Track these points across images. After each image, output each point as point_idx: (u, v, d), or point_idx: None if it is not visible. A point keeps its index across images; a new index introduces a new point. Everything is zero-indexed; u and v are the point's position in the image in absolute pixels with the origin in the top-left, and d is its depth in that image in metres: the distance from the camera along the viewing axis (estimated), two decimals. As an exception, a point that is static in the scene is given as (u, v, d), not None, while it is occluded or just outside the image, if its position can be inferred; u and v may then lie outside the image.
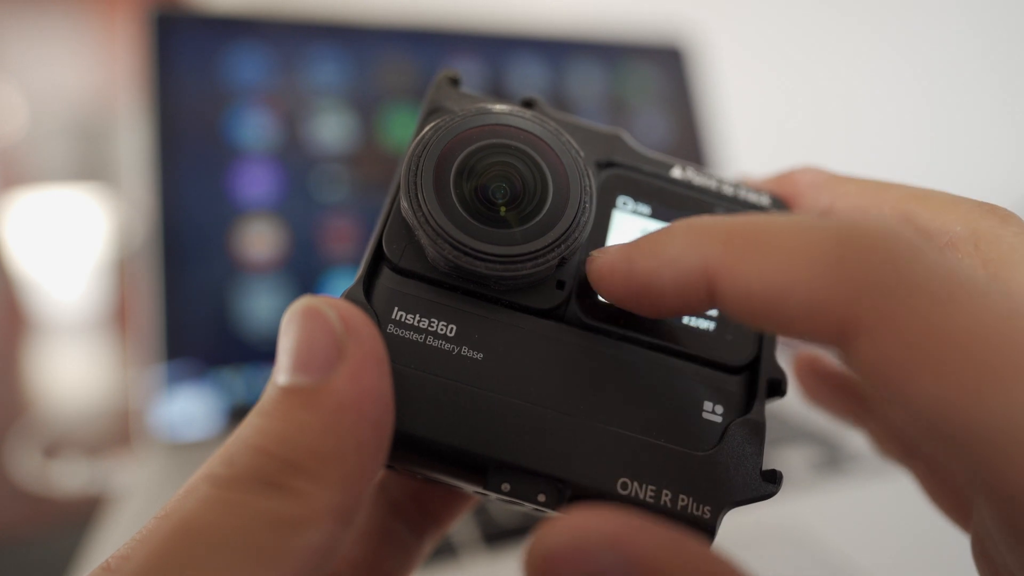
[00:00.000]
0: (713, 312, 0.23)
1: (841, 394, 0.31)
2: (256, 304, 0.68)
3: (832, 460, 0.61)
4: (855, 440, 0.64)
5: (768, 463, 0.21)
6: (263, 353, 0.67)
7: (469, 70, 0.78)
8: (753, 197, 0.25)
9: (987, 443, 0.14)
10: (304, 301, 0.19)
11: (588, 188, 0.22)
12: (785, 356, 0.25)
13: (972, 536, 0.21)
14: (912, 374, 0.15)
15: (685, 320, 0.23)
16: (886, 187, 0.24)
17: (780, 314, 0.17)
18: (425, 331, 0.21)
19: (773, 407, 0.71)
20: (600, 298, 0.23)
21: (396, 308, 0.21)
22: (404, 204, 0.21)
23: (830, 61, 1.24)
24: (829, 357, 0.31)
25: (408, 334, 0.21)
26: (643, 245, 0.20)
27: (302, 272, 0.70)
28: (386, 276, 0.22)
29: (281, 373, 0.18)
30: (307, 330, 0.18)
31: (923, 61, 1.24)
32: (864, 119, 1.23)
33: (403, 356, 0.21)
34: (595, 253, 0.21)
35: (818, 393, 0.32)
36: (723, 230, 0.18)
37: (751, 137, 0.98)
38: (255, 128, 0.70)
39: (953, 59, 1.25)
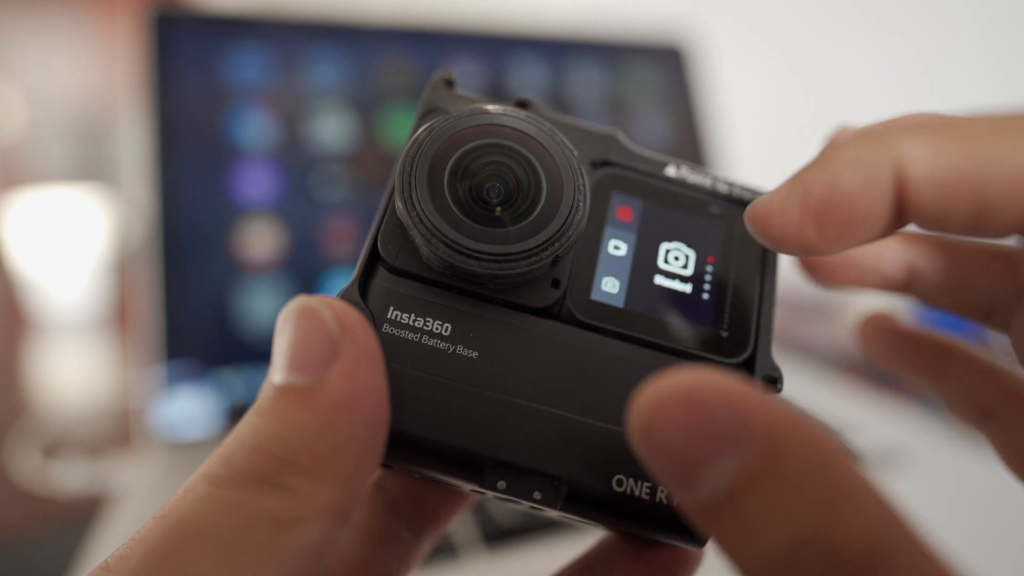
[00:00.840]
0: (708, 310, 0.23)
1: (916, 354, 0.29)
2: (256, 304, 0.68)
3: (832, 460, 0.61)
4: (855, 440, 0.64)
5: None
6: (263, 353, 0.67)
7: (469, 70, 0.78)
8: (748, 195, 0.25)
9: None
10: (299, 301, 0.19)
11: (582, 187, 0.22)
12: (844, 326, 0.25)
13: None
14: None
15: (680, 317, 0.23)
16: None
17: (981, 192, 0.15)
18: (420, 330, 0.21)
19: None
20: (593, 297, 0.23)
21: (392, 308, 0.22)
22: (399, 204, 0.21)
23: (830, 61, 1.24)
24: (900, 316, 0.30)
25: (404, 333, 0.21)
26: (811, 164, 0.18)
27: (302, 272, 0.70)
28: (382, 276, 0.22)
29: (277, 372, 0.18)
30: (302, 329, 0.18)
31: (924, 60, 1.24)
32: (864, 119, 1.22)
33: (399, 355, 0.21)
34: (754, 201, 0.19)
35: (890, 354, 0.30)
36: (903, 121, 0.16)
37: (751, 137, 0.98)
38: (255, 128, 0.70)
39: (954, 59, 1.25)
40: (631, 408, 0.15)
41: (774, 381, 0.23)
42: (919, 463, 0.61)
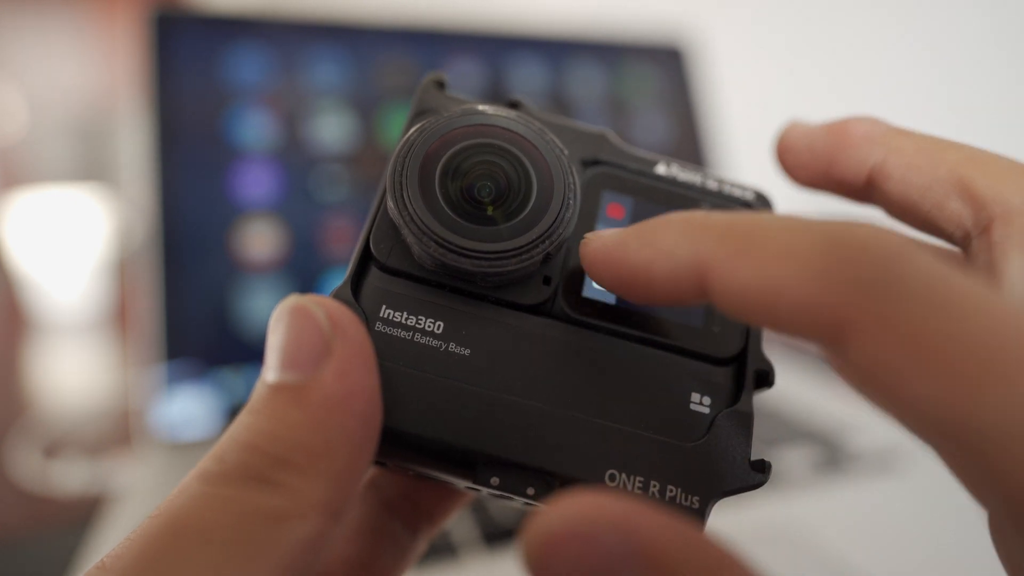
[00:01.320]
0: (700, 306, 0.23)
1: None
2: (256, 304, 0.68)
3: (832, 460, 0.61)
4: (855, 440, 0.64)
5: (758, 456, 0.22)
6: (263, 353, 0.67)
7: (469, 70, 0.78)
8: (738, 192, 0.25)
9: (987, 441, 0.14)
10: (292, 300, 0.19)
11: (572, 185, 0.22)
12: (772, 348, 0.25)
13: (989, 519, 0.20)
14: (906, 375, 0.14)
15: (671, 313, 0.23)
16: (944, 147, 0.23)
17: (772, 312, 0.16)
18: (413, 328, 0.22)
19: (774, 406, 0.70)
20: (584, 294, 0.23)
21: (384, 306, 0.22)
22: (390, 204, 0.21)
23: (830, 60, 1.24)
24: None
25: (396, 332, 0.21)
26: (638, 233, 0.19)
27: (302, 272, 0.70)
28: (374, 275, 0.22)
29: (269, 371, 0.19)
30: (295, 328, 0.19)
31: (924, 60, 1.24)
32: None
33: (391, 353, 0.21)
34: (589, 236, 0.21)
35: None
36: (718, 226, 0.18)
37: (751, 137, 0.98)
38: (255, 128, 0.70)
39: (954, 57, 1.25)
40: (524, 538, 0.15)
41: (766, 375, 0.23)
42: (919, 463, 0.61)
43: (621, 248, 0.19)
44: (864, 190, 0.25)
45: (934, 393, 0.14)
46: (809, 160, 0.25)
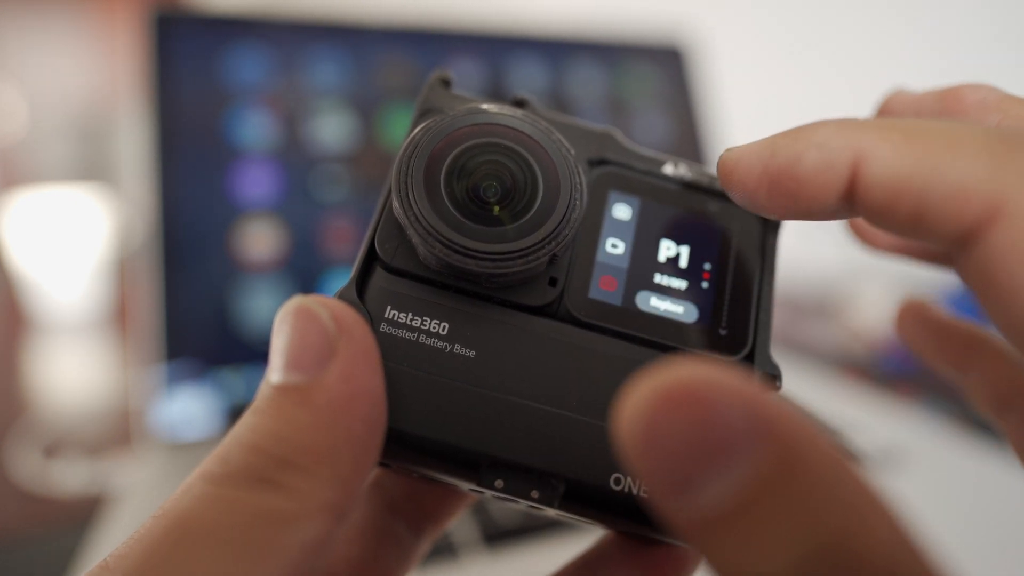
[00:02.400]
0: (707, 307, 0.23)
1: (946, 343, 0.29)
2: (256, 304, 0.68)
3: (832, 460, 0.61)
4: (855, 440, 0.64)
5: None
6: (263, 353, 0.67)
7: (469, 70, 0.78)
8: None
9: None
10: (296, 300, 0.19)
11: (578, 185, 0.22)
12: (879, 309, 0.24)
13: None
14: None
15: (678, 315, 0.23)
16: None
17: (924, 198, 0.16)
18: (418, 329, 0.21)
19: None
20: (590, 295, 0.23)
21: (389, 307, 0.22)
22: (395, 204, 0.21)
23: (830, 60, 1.24)
24: (936, 305, 0.30)
25: (401, 333, 0.21)
26: (787, 133, 0.19)
27: (302, 272, 0.70)
28: (379, 276, 0.22)
29: (274, 372, 0.18)
30: (299, 329, 0.18)
31: (925, 59, 1.24)
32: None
33: (396, 354, 0.21)
34: (728, 149, 0.21)
35: (921, 341, 0.30)
36: (875, 121, 0.18)
37: (751, 137, 0.98)
38: (255, 128, 0.70)
39: (955, 57, 1.25)
40: (624, 403, 0.13)
41: (773, 378, 0.23)
42: (919, 463, 0.61)
43: (768, 147, 0.19)
44: None
45: None
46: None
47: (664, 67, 0.86)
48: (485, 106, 0.23)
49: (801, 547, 0.12)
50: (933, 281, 0.93)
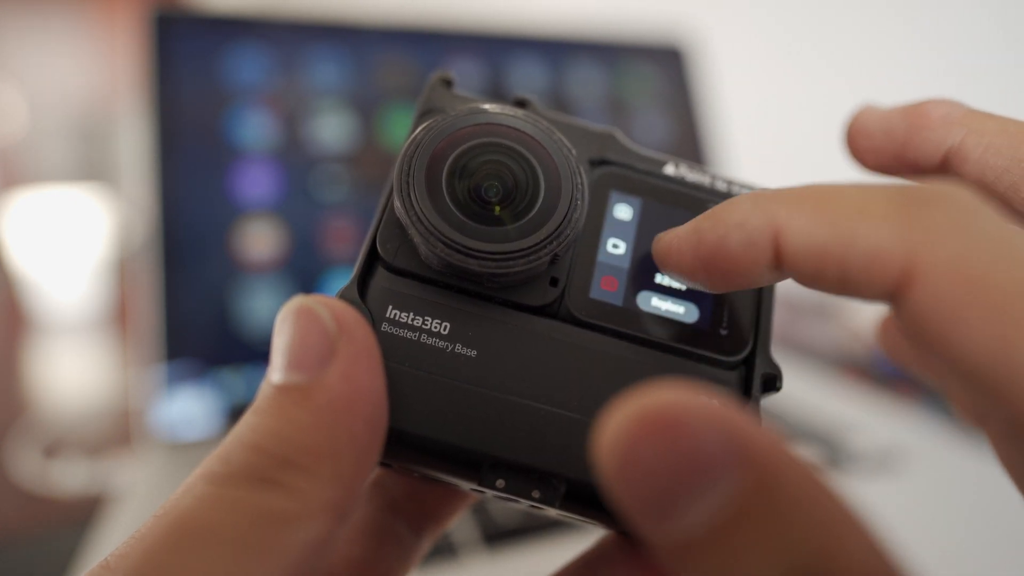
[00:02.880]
0: (707, 308, 0.23)
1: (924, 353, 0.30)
2: (256, 304, 0.68)
3: (832, 460, 0.61)
4: (855, 440, 0.64)
5: None
6: (263, 353, 0.67)
7: (469, 70, 0.78)
8: (747, 192, 0.25)
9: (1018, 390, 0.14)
10: (297, 300, 0.19)
11: (580, 185, 0.22)
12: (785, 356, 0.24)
13: None
14: (962, 318, 0.15)
15: (679, 315, 0.23)
16: None
17: (844, 264, 0.17)
18: (419, 329, 0.21)
19: (774, 406, 0.70)
20: (591, 296, 0.23)
21: (390, 307, 0.22)
22: (397, 204, 0.21)
23: (830, 60, 1.24)
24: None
25: (402, 332, 0.21)
26: (709, 216, 0.20)
27: (302, 272, 0.70)
28: (380, 275, 0.22)
29: (275, 371, 0.18)
30: (300, 329, 0.18)
31: (924, 60, 1.24)
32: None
33: (397, 354, 0.21)
34: (660, 235, 0.22)
35: (903, 353, 0.31)
36: (789, 193, 0.18)
37: (751, 137, 0.98)
38: (255, 128, 0.70)
39: (956, 57, 1.25)
40: (601, 429, 0.14)
41: (774, 379, 0.23)
42: (919, 463, 0.61)
43: (695, 233, 0.20)
44: (937, 173, 0.25)
45: (980, 338, 0.14)
46: (883, 143, 0.25)
47: (664, 67, 0.86)
48: (487, 106, 0.23)
49: (779, 569, 0.13)
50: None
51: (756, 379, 0.23)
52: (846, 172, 0.27)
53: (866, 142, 0.26)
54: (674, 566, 0.14)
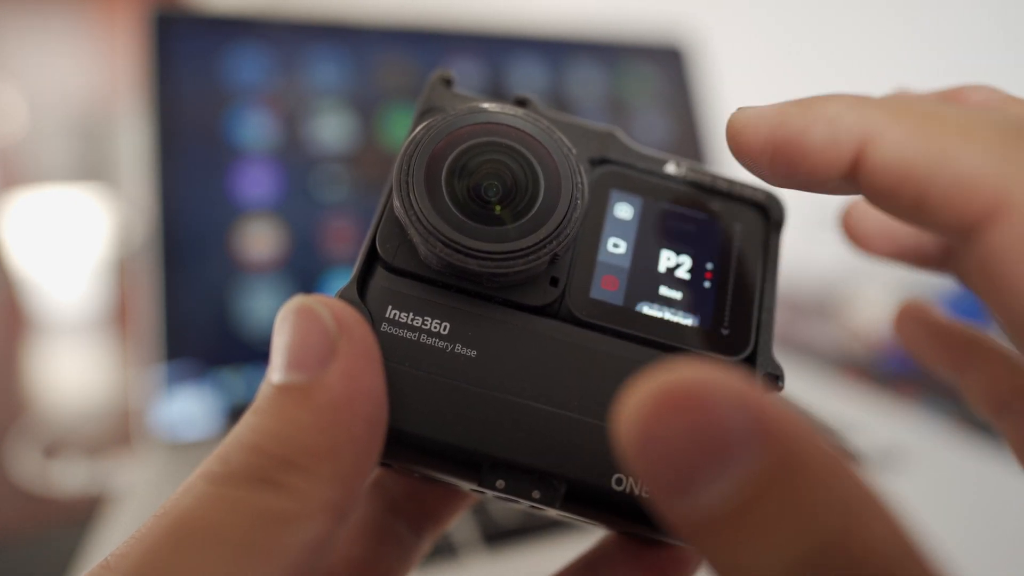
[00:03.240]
0: (709, 307, 0.23)
1: (943, 345, 0.29)
2: (256, 304, 0.68)
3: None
4: (856, 440, 0.64)
5: None
6: (263, 353, 0.67)
7: (469, 70, 0.78)
8: (748, 192, 0.25)
9: None
10: (297, 300, 0.19)
11: (580, 184, 0.22)
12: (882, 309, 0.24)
13: None
14: None
15: (679, 316, 0.23)
16: None
17: (927, 186, 0.16)
18: (419, 329, 0.21)
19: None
20: (592, 295, 0.23)
21: (390, 307, 0.22)
22: (396, 203, 0.21)
23: (830, 60, 1.24)
24: (935, 307, 0.30)
25: (402, 332, 0.21)
26: (799, 102, 0.19)
27: (302, 272, 0.70)
28: (380, 275, 0.22)
29: (275, 371, 0.18)
30: (300, 329, 0.18)
31: (924, 60, 1.24)
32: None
33: (397, 354, 0.21)
34: (739, 109, 0.20)
35: (919, 343, 0.30)
36: (890, 100, 0.17)
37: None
38: (255, 128, 0.70)
39: (957, 58, 1.25)
40: (622, 405, 0.13)
41: (776, 379, 0.23)
42: (919, 463, 0.61)
43: (778, 115, 0.19)
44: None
45: None
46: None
47: (664, 67, 0.86)
48: (486, 105, 0.23)
49: (800, 547, 0.12)
50: (933, 283, 0.93)
51: (758, 379, 0.23)
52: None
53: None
54: (695, 544, 0.14)
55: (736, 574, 0.13)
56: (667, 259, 0.24)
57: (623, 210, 0.24)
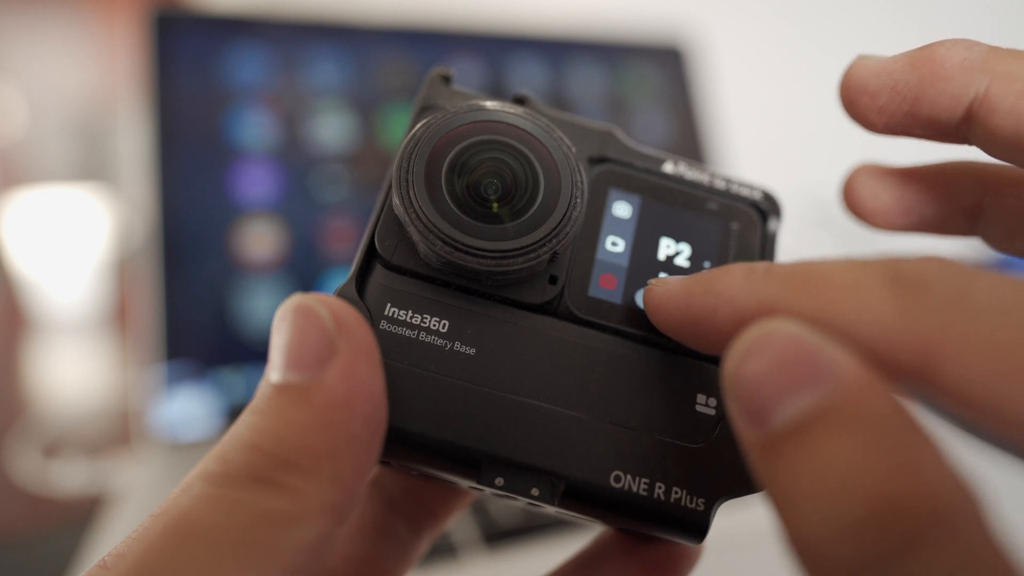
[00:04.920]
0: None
1: (913, 190, 0.25)
2: (256, 304, 0.68)
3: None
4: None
5: None
6: (263, 353, 0.67)
7: (469, 70, 0.78)
8: (745, 191, 0.25)
9: None
10: (296, 299, 0.19)
11: (579, 183, 0.22)
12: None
13: None
14: (1005, 388, 0.14)
15: None
16: None
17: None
18: (418, 327, 0.21)
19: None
20: (590, 294, 0.23)
21: (389, 305, 0.22)
22: (396, 201, 0.21)
23: (830, 60, 1.24)
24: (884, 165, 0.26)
25: (401, 330, 0.21)
26: (701, 281, 0.19)
27: (302, 272, 0.70)
28: (379, 273, 0.22)
29: (274, 371, 0.18)
30: (299, 328, 0.18)
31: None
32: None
33: (396, 352, 0.21)
34: (653, 282, 0.21)
35: (880, 200, 0.25)
36: (779, 270, 0.18)
37: (751, 137, 0.98)
38: (255, 128, 0.70)
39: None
40: (735, 339, 0.16)
41: None
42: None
43: (685, 297, 0.19)
44: (957, 129, 0.22)
45: None
46: (889, 101, 0.22)
47: (664, 67, 0.86)
48: (486, 103, 0.23)
49: (858, 482, 0.13)
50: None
51: None
52: (846, 170, 0.26)
53: (869, 101, 0.23)
54: (766, 464, 0.15)
55: (789, 503, 0.14)
56: (665, 255, 0.24)
57: (622, 209, 0.24)
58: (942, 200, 0.25)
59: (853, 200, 0.25)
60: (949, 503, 0.13)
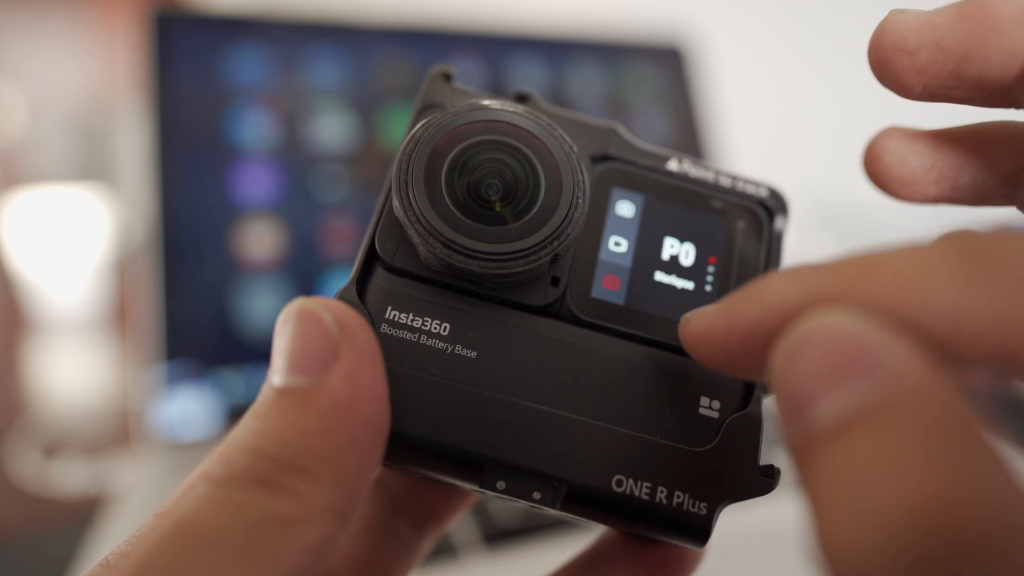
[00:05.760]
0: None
1: (945, 149, 0.23)
2: (256, 304, 0.68)
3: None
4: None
5: (767, 462, 0.21)
6: (263, 353, 0.67)
7: (469, 70, 0.78)
8: (751, 188, 0.25)
9: None
10: (298, 303, 0.19)
11: (581, 183, 0.22)
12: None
13: None
14: None
15: (679, 315, 0.23)
16: None
17: (937, 335, 0.14)
18: (419, 330, 0.21)
19: (772, 404, 0.70)
20: (593, 295, 0.23)
21: (390, 307, 0.21)
22: (395, 203, 0.21)
23: (830, 60, 1.24)
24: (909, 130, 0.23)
25: (402, 333, 0.21)
26: (741, 295, 0.17)
27: (302, 272, 0.70)
28: (379, 275, 0.22)
29: (276, 374, 0.18)
30: (301, 331, 0.18)
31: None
32: (864, 118, 1.22)
33: (397, 356, 0.21)
34: (688, 315, 0.19)
35: (908, 164, 0.23)
36: (829, 264, 0.16)
37: (751, 137, 0.98)
38: (255, 128, 0.70)
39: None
40: (785, 332, 0.14)
41: None
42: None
43: (726, 315, 0.17)
44: (1010, 90, 0.20)
45: None
46: (931, 59, 0.20)
47: (664, 67, 0.86)
48: (487, 102, 0.23)
49: (901, 482, 0.12)
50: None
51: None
52: (848, 170, 0.26)
53: (907, 61, 0.20)
54: (803, 462, 0.14)
55: (825, 505, 0.13)
56: (669, 255, 0.24)
57: (625, 208, 0.24)
58: (979, 166, 0.23)
59: (878, 169, 0.23)
60: (1003, 519, 0.12)
